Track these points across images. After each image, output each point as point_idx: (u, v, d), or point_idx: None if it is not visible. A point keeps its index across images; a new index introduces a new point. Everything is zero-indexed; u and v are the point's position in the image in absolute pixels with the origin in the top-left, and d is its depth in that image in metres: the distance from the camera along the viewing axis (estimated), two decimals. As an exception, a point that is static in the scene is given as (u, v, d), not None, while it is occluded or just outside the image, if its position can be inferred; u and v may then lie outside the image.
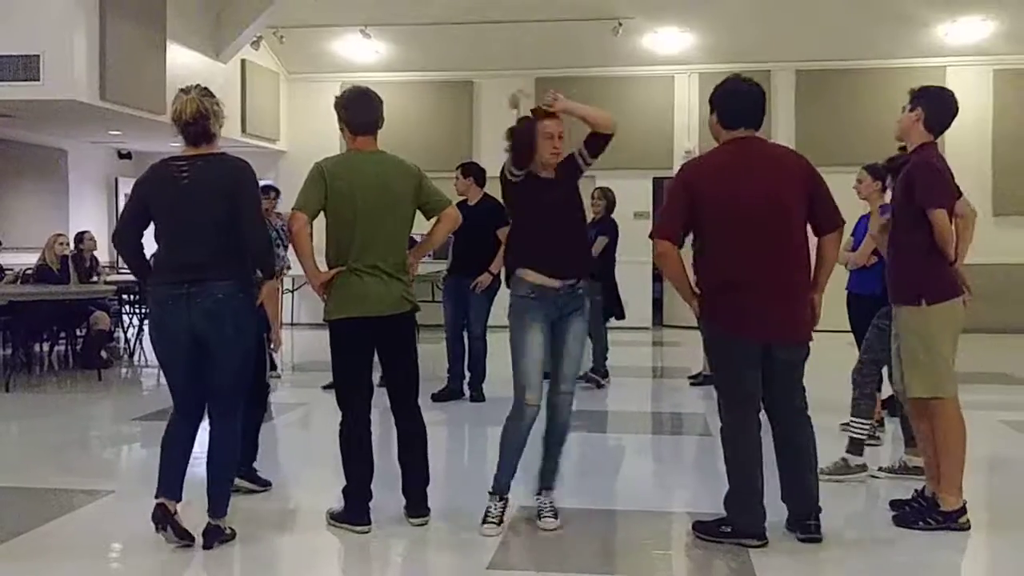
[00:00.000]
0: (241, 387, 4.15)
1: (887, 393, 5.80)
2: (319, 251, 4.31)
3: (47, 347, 10.05)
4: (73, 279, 9.99)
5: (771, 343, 4.09)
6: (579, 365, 4.52)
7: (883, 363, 5.36)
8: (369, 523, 4.31)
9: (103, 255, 11.81)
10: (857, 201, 6.05)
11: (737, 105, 4.17)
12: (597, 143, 4.33)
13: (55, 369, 9.76)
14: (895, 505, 4.59)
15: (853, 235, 6.34)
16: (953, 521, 4.30)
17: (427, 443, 4.48)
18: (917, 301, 4.29)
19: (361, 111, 4.40)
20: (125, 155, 14.89)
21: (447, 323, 7.86)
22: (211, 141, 4.09)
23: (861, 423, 5.31)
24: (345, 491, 4.37)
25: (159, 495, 4.05)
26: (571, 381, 4.43)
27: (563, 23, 12.71)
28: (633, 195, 12.86)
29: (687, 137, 13.59)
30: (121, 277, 10.82)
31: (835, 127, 13.12)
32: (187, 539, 4.04)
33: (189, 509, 4.17)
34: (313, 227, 4.32)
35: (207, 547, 4.04)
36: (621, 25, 12.66)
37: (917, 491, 4.57)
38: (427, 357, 5.13)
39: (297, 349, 11.73)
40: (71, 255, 10.26)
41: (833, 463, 5.18)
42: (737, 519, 4.11)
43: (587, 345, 5.27)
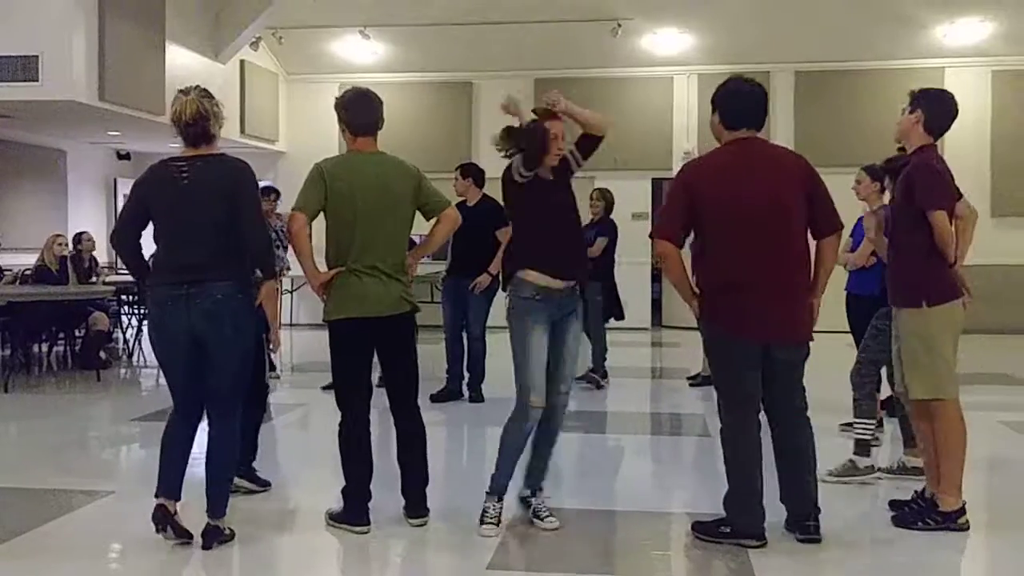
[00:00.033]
0: (240, 388, 4.15)
1: (886, 394, 5.80)
2: (319, 251, 4.30)
3: (46, 348, 10.04)
4: (72, 280, 9.99)
5: (771, 343, 4.09)
6: (577, 365, 4.53)
7: (881, 363, 5.36)
8: (368, 523, 4.31)
9: (102, 256, 11.79)
10: (856, 202, 6.05)
11: (739, 105, 4.17)
12: (589, 145, 4.35)
13: (54, 370, 9.75)
14: (894, 505, 4.59)
15: (852, 236, 6.33)
16: (952, 521, 4.30)
17: (426, 443, 4.48)
18: (918, 303, 4.30)
19: (361, 112, 4.40)
20: (124, 156, 14.89)
21: (446, 324, 7.86)
22: (211, 142, 4.09)
23: (864, 424, 5.30)
24: (344, 491, 4.37)
25: (159, 495, 4.07)
26: (570, 382, 4.45)
27: (562, 24, 12.70)
28: (632, 196, 12.88)
29: (686, 138, 13.60)
30: (120, 278, 10.80)
31: (834, 128, 13.12)
32: (186, 536, 4.06)
33: (188, 509, 4.17)
34: (312, 228, 4.32)
35: (206, 547, 4.03)
36: (620, 26, 12.65)
37: (917, 492, 4.57)
38: (426, 358, 5.13)
39: (296, 350, 11.72)
40: (70, 256, 10.25)
41: (841, 465, 5.18)
42: (736, 519, 4.12)
43: (584, 344, 5.27)
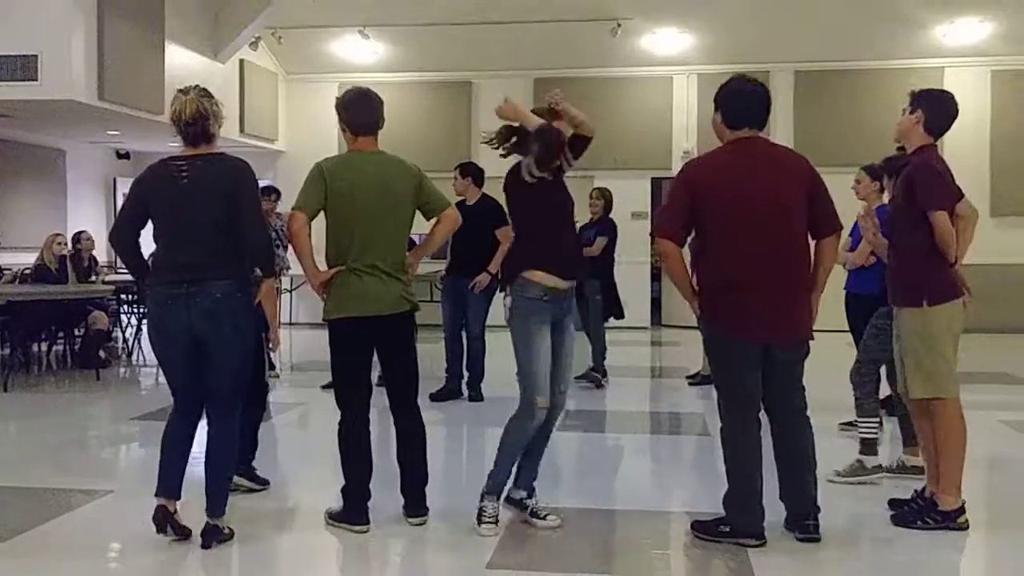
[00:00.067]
0: (240, 387, 4.15)
1: (885, 393, 5.80)
2: (318, 251, 4.30)
3: (45, 347, 10.05)
4: (71, 279, 9.99)
5: (771, 343, 4.09)
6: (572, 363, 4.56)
7: (880, 362, 5.35)
8: (368, 522, 4.31)
9: (101, 255, 11.80)
10: (856, 201, 6.04)
11: (742, 105, 4.17)
12: (580, 145, 4.39)
13: (53, 369, 9.75)
14: (894, 504, 4.59)
15: (851, 235, 6.33)
16: (952, 521, 4.30)
17: (426, 443, 4.48)
18: (918, 302, 4.30)
19: (362, 112, 4.40)
20: (123, 155, 14.89)
21: (445, 323, 7.85)
22: (210, 141, 4.09)
23: (868, 422, 5.29)
24: (344, 490, 4.37)
25: (159, 494, 4.07)
26: (568, 380, 4.46)
27: (562, 24, 12.70)
28: (631, 195, 12.88)
29: (685, 138, 13.59)
30: (119, 277, 10.80)
31: (834, 128, 13.13)
32: (185, 533, 4.07)
33: (188, 509, 4.17)
34: (312, 227, 4.32)
35: (205, 546, 4.03)
36: (620, 26, 12.64)
37: (916, 491, 4.57)
38: (426, 357, 5.12)
39: (296, 349, 11.72)
40: (69, 255, 10.25)
41: (849, 465, 5.17)
42: (736, 519, 4.11)
43: (583, 343, 5.28)
